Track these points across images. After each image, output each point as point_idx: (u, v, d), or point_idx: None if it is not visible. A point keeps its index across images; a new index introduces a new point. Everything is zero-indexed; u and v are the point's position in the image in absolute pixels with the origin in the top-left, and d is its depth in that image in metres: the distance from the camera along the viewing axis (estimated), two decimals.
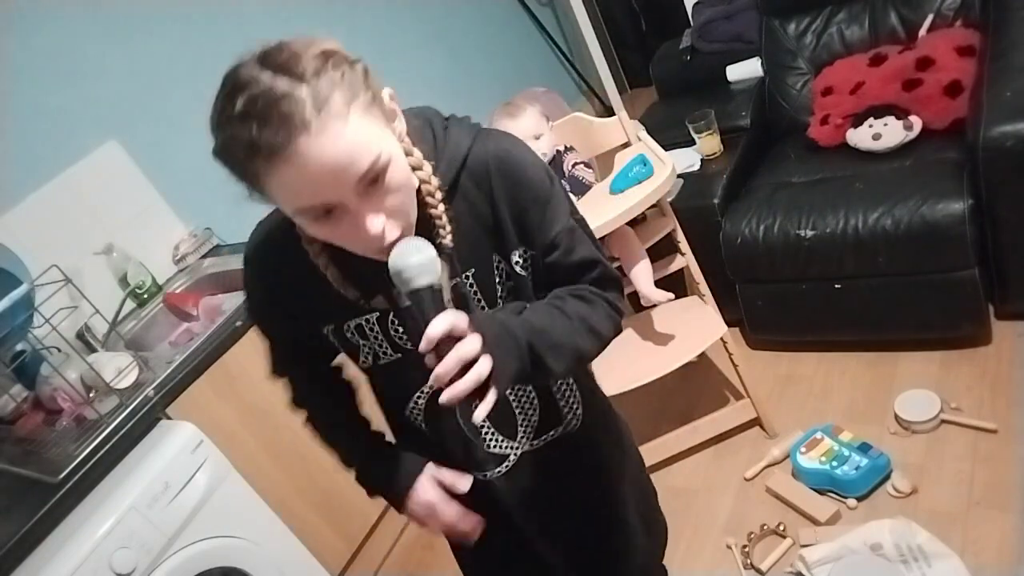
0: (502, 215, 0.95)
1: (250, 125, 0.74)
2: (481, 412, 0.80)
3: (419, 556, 2.29)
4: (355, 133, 0.76)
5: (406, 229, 0.84)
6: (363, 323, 0.98)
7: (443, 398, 0.79)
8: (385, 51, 3.37)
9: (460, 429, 1.08)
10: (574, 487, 1.19)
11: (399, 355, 1.00)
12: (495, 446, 1.10)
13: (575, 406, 1.14)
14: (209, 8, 2.66)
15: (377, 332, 0.99)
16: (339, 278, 0.94)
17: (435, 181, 0.91)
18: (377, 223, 0.80)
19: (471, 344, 0.80)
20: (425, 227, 0.89)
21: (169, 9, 2.52)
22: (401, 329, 0.98)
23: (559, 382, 1.12)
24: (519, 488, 1.13)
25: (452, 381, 0.79)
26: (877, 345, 2.21)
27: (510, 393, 1.08)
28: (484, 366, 0.80)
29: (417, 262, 0.81)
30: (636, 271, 1.92)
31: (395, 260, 0.81)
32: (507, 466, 1.11)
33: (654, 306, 1.94)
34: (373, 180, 0.78)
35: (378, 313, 0.97)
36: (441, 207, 0.92)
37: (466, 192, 0.94)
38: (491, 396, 0.81)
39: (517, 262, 0.98)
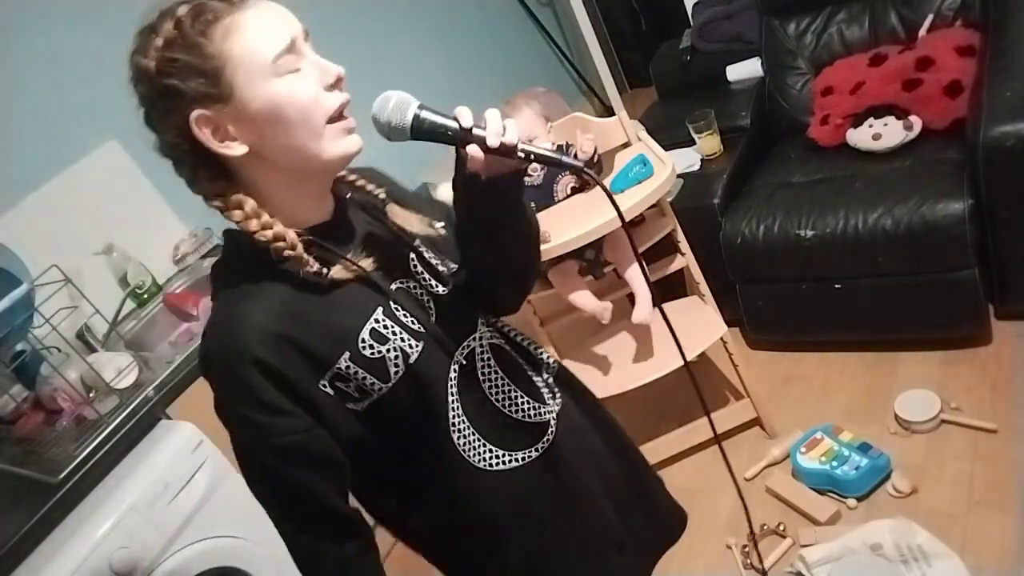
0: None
1: (197, 11, 0.82)
2: (537, 144, 0.91)
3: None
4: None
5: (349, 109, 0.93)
6: (375, 326, 0.92)
7: (509, 137, 0.85)
8: (385, 51, 3.37)
9: (495, 408, 1.03)
10: (608, 440, 1.24)
11: (422, 342, 0.95)
12: (532, 415, 1.07)
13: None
14: None
15: (392, 327, 0.93)
16: (326, 259, 0.90)
17: None
18: (335, 65, 0.88)
19: (493, 110, 0.87)
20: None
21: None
22: (407, 312, 0.95)
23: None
24: (567, 454, 1.10)
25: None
26: (877, 345, 2.21)
27: (519, 355, 1.11)
28: (512, 123, 0.87)
29: (399, 95, 0.89)
30: (629, 275, 1.91)
31: (379, 110, 0.89)
32: (551, 434, 1.08)
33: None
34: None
35: (382, 307, 0.93)
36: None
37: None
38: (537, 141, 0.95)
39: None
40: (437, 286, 1.00)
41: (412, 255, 1.00)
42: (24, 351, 1.89)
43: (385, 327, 0.93)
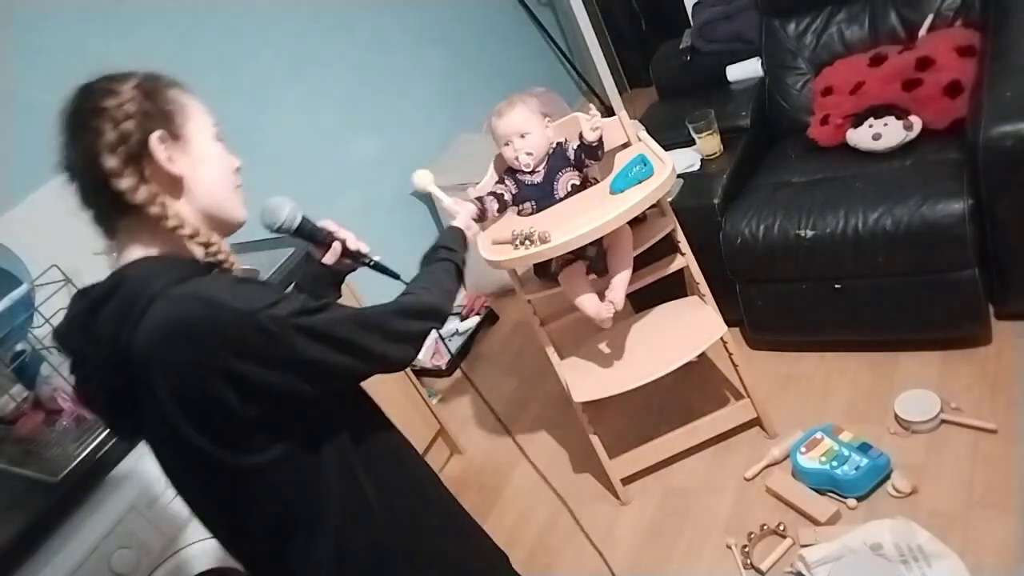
0: None
1: (165, 77, 1.07)
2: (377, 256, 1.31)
3: None
4: None
5: None
6: None
7: (364, 247, 1.30)
8: (386, 51, 3.37)
9: None
10: None
11: None
12: None
13: None
14: (210, 7, 2.66)
15: None
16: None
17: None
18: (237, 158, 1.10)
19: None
20: None
21: (170, 8, 2.52)
22: None
23: None
24: None
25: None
26: (877, 345, 2.21)
27: None
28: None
29: (291, 205, 1.22)
30: (617, 279, 1.92)
31: (272, 217, 1.21)
32: None
33: (650, 307, 1.94)
34: None
35: None
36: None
37: None
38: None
39: None
40: None
41: None
42: (24, 351, 1.89)
43: None
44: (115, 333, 0.91)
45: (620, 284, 1.91)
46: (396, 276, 1.30)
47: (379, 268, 1.31)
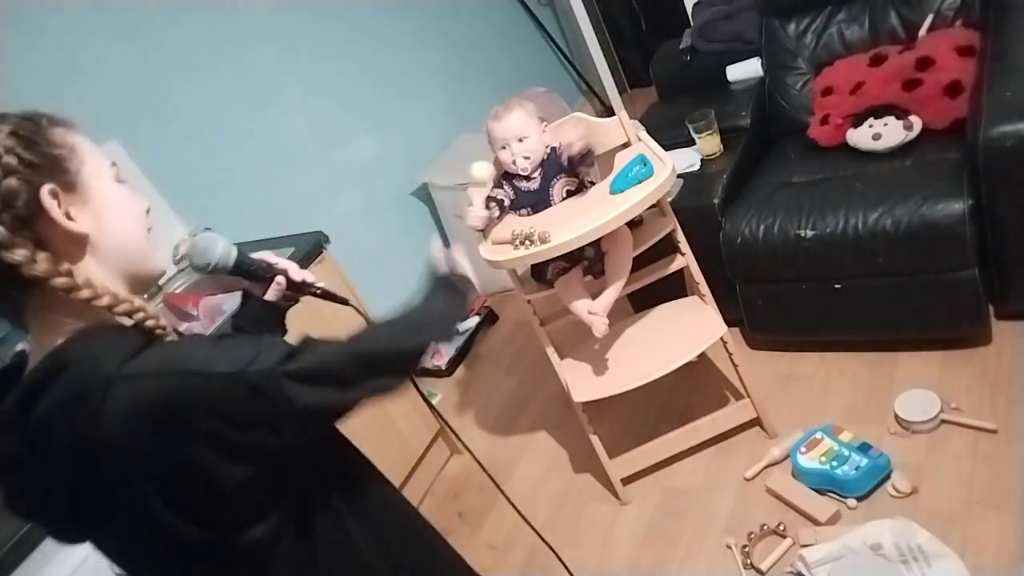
0: None
1: (46, 117, 0.88)
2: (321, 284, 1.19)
3: None
4: None
5: None
6: None
7: (309, 276, 1.17)
8: (386, 51, 3.37)
9: None
10: None
11: None
12: None
13: None
14: (209, 7, 2.66)
15: None
16: None
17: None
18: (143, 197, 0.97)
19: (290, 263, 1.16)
20: None
21: (170, 8, 2.52)
22: None
23: None
24: None
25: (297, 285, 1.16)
26: (877, 345, 2.21)
27: None
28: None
29: (223, 242, 1.09)
30: (609, 291, 1.92)
31: (204, 256, 1.08)
32: None
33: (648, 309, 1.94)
34: None
35: None
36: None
37: None
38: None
39: None
40: None
41: None
42: (24, 351, 1.89)
43: None
44: (69, 427, 0.78)
45: (611, 295, 1.91)
46: (344, 302, 1.20)
47: (327, 296, 1.20)
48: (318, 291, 1.18)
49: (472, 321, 3.19)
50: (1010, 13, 2.09)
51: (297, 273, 1.15)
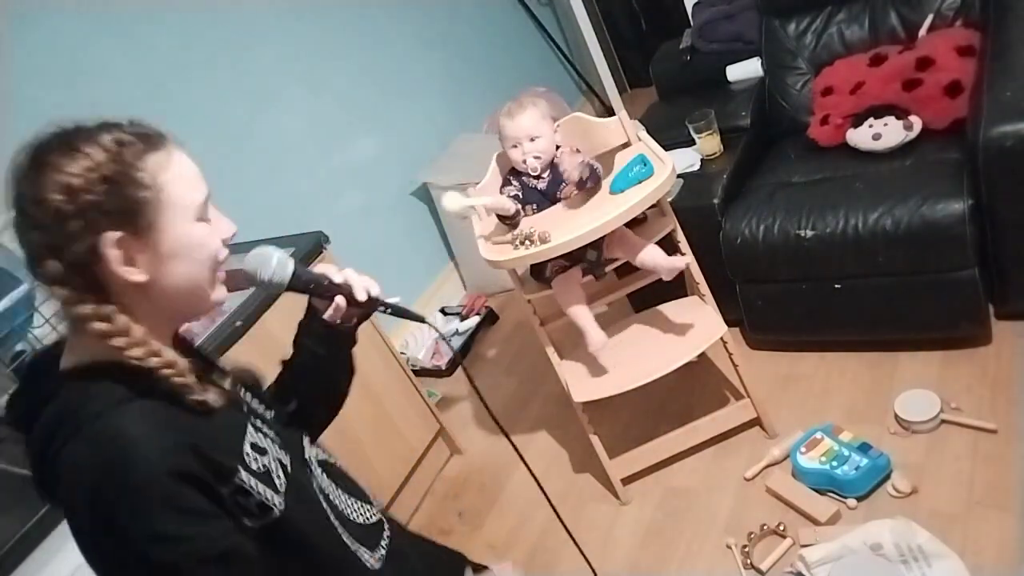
0: None
1: (141, 133, 0.86)
2: (393, 299, 1.07)
3: None
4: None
5: None
6: (254, 438, 0.93)
7: (374, 291, 1.05)
8: (386, 51, 3.37)
9: (344, 517, 1.05)
10: (424, 539, 1.29)
11: (288, 453, 0.98)
12: (365, 517, 1.10)
13: None
14: (209, 7, 2.66)
15: (264, 439, 0.95)
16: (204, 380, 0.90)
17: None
18: (232, 224, 0.93)
19: (353, 271, 1.05)
20: None
21: (170, 8, 2.52)
22: (264, 426, 0.98)
23: None
24: (406, 553, 1.13)
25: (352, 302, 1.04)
26: (877, 345, 2.21)
27: (339, 464, 1.14)
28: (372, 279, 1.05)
29: (279, 253, 0.99)
30: (644, 255, 1.90)
31: (263, 268, 0.98)
32: (387, 534, 1.11)
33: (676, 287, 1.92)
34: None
35: (249, 423, 0.94)
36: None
37: None
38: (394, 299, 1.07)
39: None
40: (266, 410, 1.04)
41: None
42: (24, 351, 1.89)
43: (260, 438, 0.94)
44: (42, 445, 0.83)
45: (654, 254, 1.89)
46: (420, 319, 1.10)
47: (398, 312, 1.08)
48: (387, 308, 1.06)
49: (472, 321, 3.19)
50: (1010, 13, 2.09)
51: (361, 291, 1.03)
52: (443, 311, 3.32)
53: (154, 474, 0.77)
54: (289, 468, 0.96)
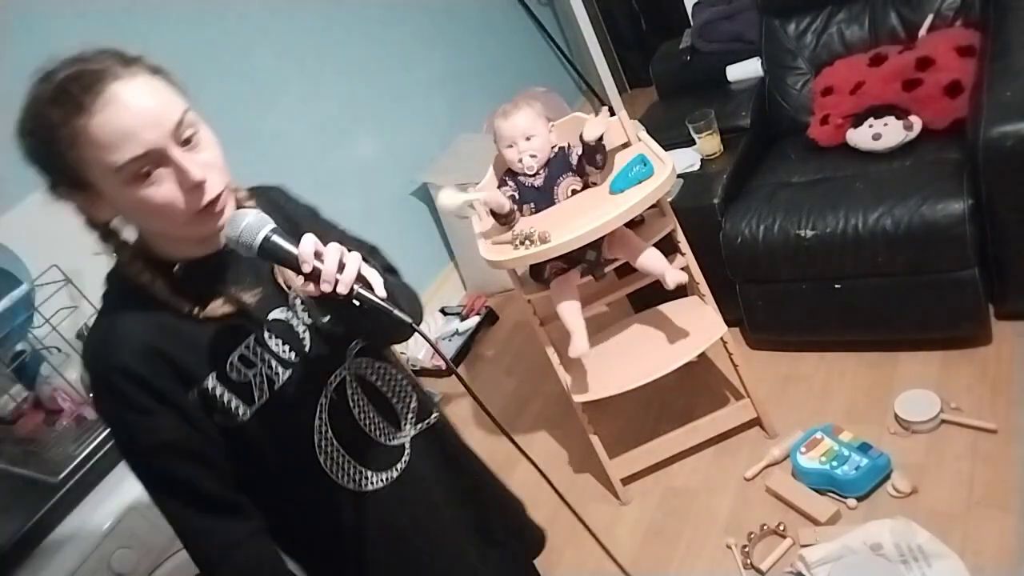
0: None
1: (65, 88, 0.82)
2: (380, 290, 0.90)
3: None
4: (164, 87, 0.88)
5: (225, 192, 0.91)
6: (244, 351, 0.97)
7: (341, 288, 0.86)
8: (386, 51, 3.37)
9: (362, 433, 1.09)
10: (463, 466, 1.28)
11: (290, 370, 1.01)
12: (391, 439, 1.13)
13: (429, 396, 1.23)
14: (209, 8, 2.66)
15: (261, 353, 0.99)
16: (204, 294, 0.95)
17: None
18: (198, 170, 0.86)
19: (337, 246, 0.87)
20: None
21: (169, 8, 2.52)
22: (281, 341, 1.01)
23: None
24: (423, 474, 1.16)
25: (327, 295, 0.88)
26: (877, 345, 2.21)
27: (383, 385, 1.14)
28: (357, 257, 0.88)
29: (253, 218, 0.87)
30: (644, 259, 1.90)
31: (231, 230, 0.87)
32: (407, 456, 1.14)
33: (680, 292, 1.92)
34: (187, 141, 0.87)
35: (254, 335, 0.98)
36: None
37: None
38: (376, 278, 0.90)
39: None
40: (314, 318, 1.04)
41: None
42: (24, 351, 1.89)
43: (254, 353, 0.98)
44: None
45: (655, 259, 1.89)
46: (408, 325, 0.92)
47: (378, 307, 0.89)
48: (363, 304, 0.89)
49: (472, 321, 3.19)
50: (1010, 13, 2.09)
51: (328, 283, 0.86)
52: (443, 311, 3.32)
53: (108, 369, 0.90)
54: (279, 385, 0.99)
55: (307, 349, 1.03)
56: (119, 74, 0.83)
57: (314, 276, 0.86)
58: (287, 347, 1.01)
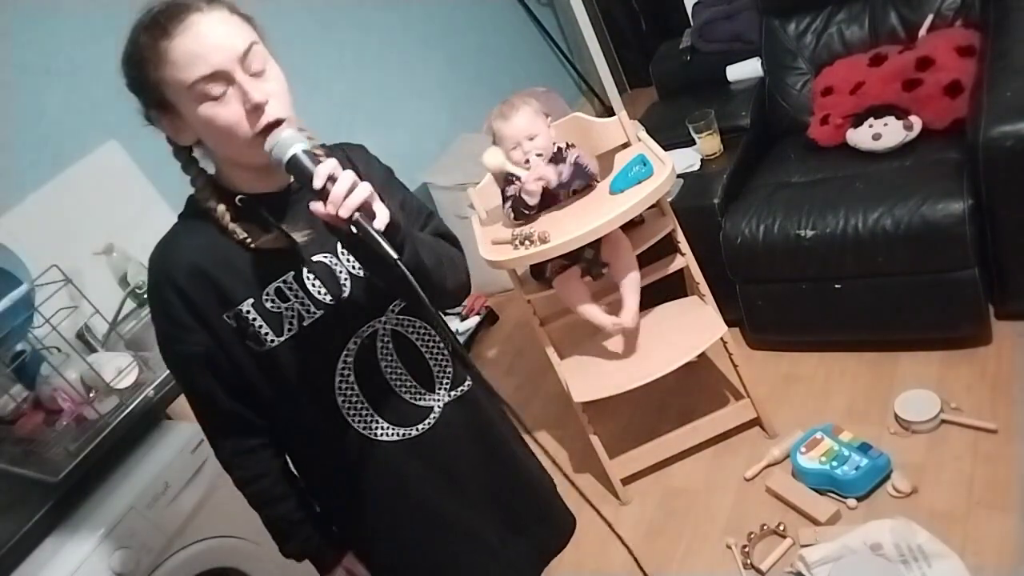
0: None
1: (156, 17, 0.95)
2: (382, 219, 0.93)
3: None
4: (238, 22, 1.00)
5: (288, 120, 0.98)
6: (281, 285, 1.07)
7: (343, 211, 0.90)
8: (386, 51, 3.37)
9: (387, 385, 1.15)
10: (494, 442, 1.29)
11: (322, 311, 1.09)
12: (418, 398, 1.18)
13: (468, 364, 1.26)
14: None
15: (297, 290, 1.07)
16: (259, 226, 1.06)
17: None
18: (259, 93, 0.95)
19: (350, 173, 0.93)
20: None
21: None
22: (319, 282, 1.08)
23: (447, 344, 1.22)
24: (447, 441, 1.20)
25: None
26: (877, 345, 2.21)
27: (422, 345, 1.18)
28: (368, 187, 0.93)
29: (288, 135, 0.95)
30: (625, 281, 1.92)
31: (269, 143, 0.95)
32: (433, 419, 1.19)
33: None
34: (255, 72, 0.97)
35: (294, 272, 1.07)
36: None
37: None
38: (383, 214, 0.93)
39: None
40: (359, 269, 1.10)
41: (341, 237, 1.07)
42: (24, 351, 1.89)
43: (291, 288, 1.08)
44: None
45: (632, 300, 1.92)
46: (392, 259, 0.93)
47: (371, 241, 0.92)
48: (359, 231, 0.92)
49: (472, 321, 3.19)
50: (1010, 13, 2.09)
51: (334, 204, 0.90)
52: (443, 311, 3.32)
53: (159, 277, 1.07)
54: (307, 322, 1.08)
55: (344, 295, 1.10)
56: (201, 7, 0.95)
57: (324, 195, 0.92)
58: (324, 289, 1.09)
